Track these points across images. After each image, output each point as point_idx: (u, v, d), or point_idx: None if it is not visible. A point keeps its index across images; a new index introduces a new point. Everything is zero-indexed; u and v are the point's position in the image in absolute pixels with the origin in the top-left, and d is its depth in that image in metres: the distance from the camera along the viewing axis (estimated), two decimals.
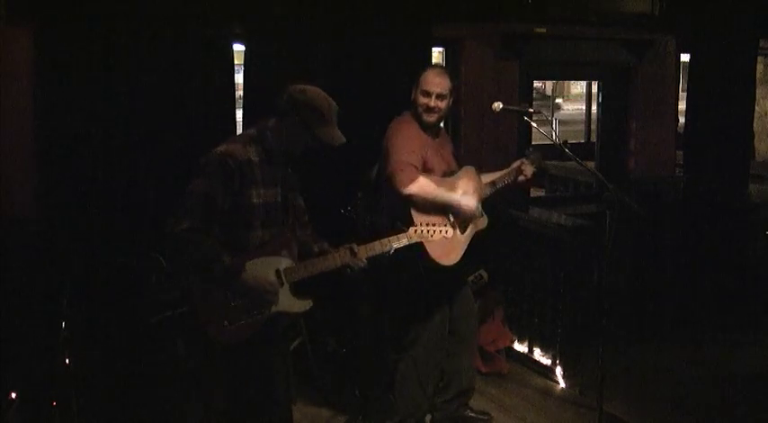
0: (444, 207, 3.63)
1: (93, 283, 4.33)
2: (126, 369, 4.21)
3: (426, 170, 3.66)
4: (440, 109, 3.73)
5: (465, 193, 3.68)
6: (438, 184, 3.64)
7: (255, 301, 2.89)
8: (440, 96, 3.71)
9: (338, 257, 3.04)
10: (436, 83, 3.71)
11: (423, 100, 3.72)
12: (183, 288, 2.92)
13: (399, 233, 3.17)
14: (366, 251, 3.08)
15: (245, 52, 4.97)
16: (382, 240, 3.14)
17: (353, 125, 3.11)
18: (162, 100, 4.64)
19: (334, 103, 2.96)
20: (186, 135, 4.65)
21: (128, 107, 4.57)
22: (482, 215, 3.86)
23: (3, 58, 4.39)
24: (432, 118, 3.74)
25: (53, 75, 4.45)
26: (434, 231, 3.16)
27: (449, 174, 3.81)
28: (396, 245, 3.15)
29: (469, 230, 3.79)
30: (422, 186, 3.53)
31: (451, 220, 3.70)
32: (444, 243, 3.55)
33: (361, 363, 4.55)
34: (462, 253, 3.73)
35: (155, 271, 4.15)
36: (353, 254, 3.04)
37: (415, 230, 3.16)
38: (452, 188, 3.72)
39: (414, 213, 3.55)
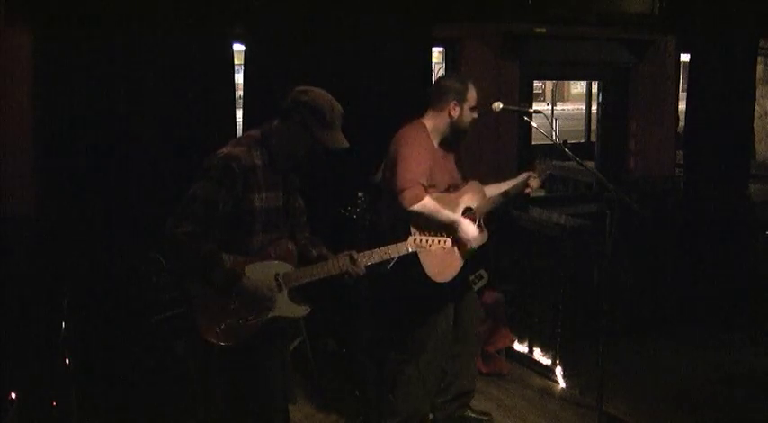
0: (446, 227, 3.61)
1: (93, 283, 4.33)
2: (126, 369, 4.21)
3: (431, 184, 3.64)
4: None
5: (469, 224, 3.67)
6: (441, 202, 3.61)
7: (253, 306, 2.88)
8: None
9: (337, 264, 3.02)
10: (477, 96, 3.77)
11: (472, 115, 3.75)
12: (183, 289, 2.92)
13: (399, 242, 3.17)
14: (365, 259, 3.07)
15: (245, 52, 4.98)
16: (382, 249, 3.13)
17: (353, 125, 3.11)
18: (162, 100, 4.64)
19: (339, 107, 2.92)
20: (186, 135, 4.66)
21: (127, 107, 4.58)
22: (483, 230, 3.85)
23: (3, 58, 4.39)
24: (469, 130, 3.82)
25: (53, 75, 4.45)
26: (433, 241, 3.18)
27: (452, 186, 3.80)
28: (395, 254, 3.16)
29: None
30: (425, 206, 3.51)
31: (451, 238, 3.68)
32: (442, 259, 3.55)
33: (361, 363, 4.55)
34: (459, 270, 3.71)
35: (155, 271, 4.15)
36: (353, 261, 3.02)
37: (414, 240, 3.17)
38: (455, 205, 3.72)
39: (413, 228, 3.54)
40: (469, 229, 3.65)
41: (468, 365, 4.08)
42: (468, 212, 3.80)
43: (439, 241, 3.17)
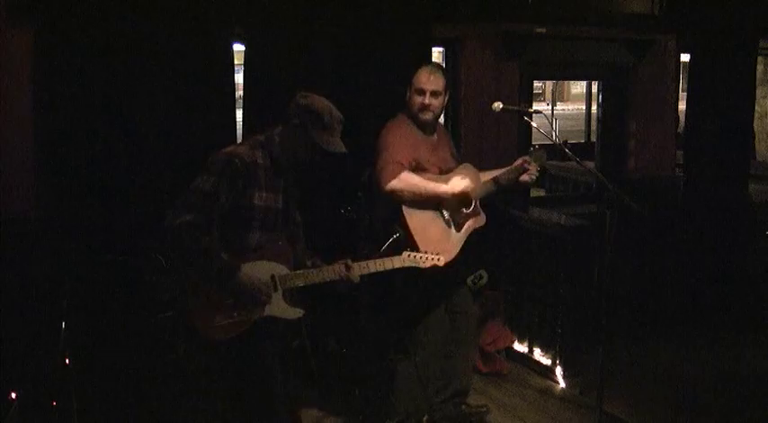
0: (435, 200, 3.61)
1: (93, 282, 4.32)
2: (126, 369, 4.21)
3: (420, 169, 3.65)
4: (435, 107, 3.73)
5: (456, 179, 3.65)
6: (427, 179, 3.62)
7: (247, 302, 2.91)
8: (434, 94, 3.71)
9: (333, 271, 3.09)
10: (429, 81, 3.71)
11: (417, 99, 3.72)
12: (181, 282, 2.94)
13: (394, 256, 3.24)
14: (360, 269, 3.14)
15: (245, 52, 4.97)
16: (377, 261, 3.21)
17: (353, 125, 3.12)
18: (162, 100, 4.63)
19: (338, 114, 2.99)
20: (186, 135, 4.65)
21: (128, 107, 4.57)
22: (480, 213, 3.85)
23: (3, 58, 4.39)
24: (427, 116, 3.74)
25: (53, 75, 4.45)
26: (427, 258, 3.24)
27: (446, 172, 3.80)
28: (389, 267, 3.22)
29: (465, 229, 3.78)
30: (403, 180, 3.52)
31: (446, 216, 3.68)
32: (438, 242, 3.54)
33: (361, 363, 4.55)
34: (456, 253, 3.70)
35: (155, 271, 4.15)
36: (348, 269, 3.08)
37: (408, 255, 3.25)
38: (444, 181, 3.70)
39: (405, 211, 3.54)
40: (459, 183, 3.64)
41: (463, 365, 4.08)
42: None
43: (431, 258, 3.23)
